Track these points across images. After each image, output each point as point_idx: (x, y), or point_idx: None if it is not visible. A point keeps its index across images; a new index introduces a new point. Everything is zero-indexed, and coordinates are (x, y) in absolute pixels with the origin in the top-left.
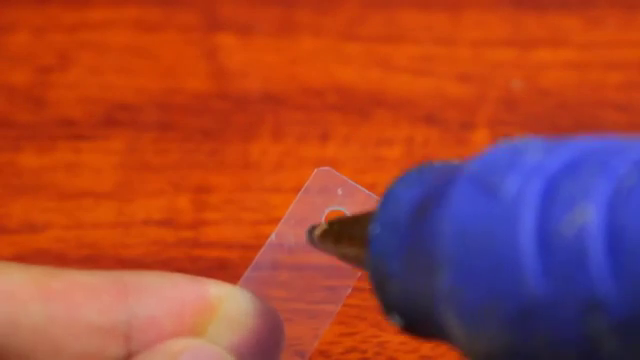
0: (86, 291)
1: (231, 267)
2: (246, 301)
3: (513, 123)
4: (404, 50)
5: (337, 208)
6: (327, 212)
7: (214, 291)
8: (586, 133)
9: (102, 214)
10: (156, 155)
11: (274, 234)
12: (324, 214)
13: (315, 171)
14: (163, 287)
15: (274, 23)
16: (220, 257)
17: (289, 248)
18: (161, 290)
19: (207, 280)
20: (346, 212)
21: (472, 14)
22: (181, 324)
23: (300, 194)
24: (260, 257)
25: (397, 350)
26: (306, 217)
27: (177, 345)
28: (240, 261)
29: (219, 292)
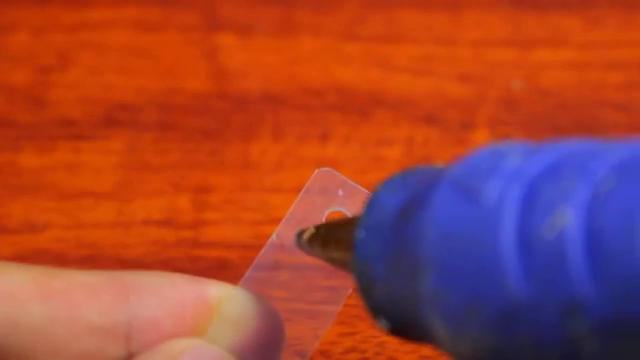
0: (86, 291)
1: (231, 267)
2: (247, 302)
3: (513, 123)
4: (404, 50)
5: (338, 209)
6: (328, 213)
7: (214, 291)
8: (586, 133)
9: (102, 214)
10: (156, 155)
11: (275, 234)
12: (325, 215)
13: (316, 172)
14: (163, 287)
15: (274, 23)
16: (220, 257)
17: (290, 248)
18: (161, 290)
19: (208, 280)
20: (347, 213)
21: (472, 14)
22: (181, 324)
23: (301, 194)
24: (261, 257)
25: (397, 350)
26: (307, 218)
27: (178, 345)
28: (240, 261)
29: (219, 292)
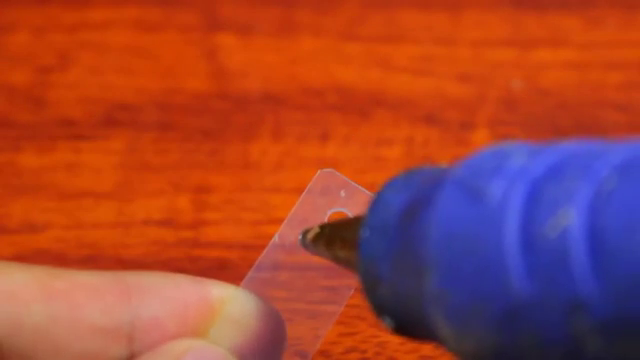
0: (89, 291)
1: (231, 267)
2: (249, 302)
3: (513, 123)
4: (404, 50)
5: (339, 210)
6: (329, 214)
7: (217, 292)
8: (586, 133)
9: (102, 214)
10: (156, 155)
11: (277, 235)
12: (327, 215)
13: (318, 172)
14: (166, 288)
15: (274, 23)
16: (220, 257)
17: (291, 249)
18: (164, 291)
19: (210, 281)
20: (348, 214)
21: (472, 14)
22: (184, 325)
23: (303, 195)
24: (263, 258)
25: (397, 350)
26: (308, 218)
27: (180, 346)
28: (240, 261)
29: (222, 293)
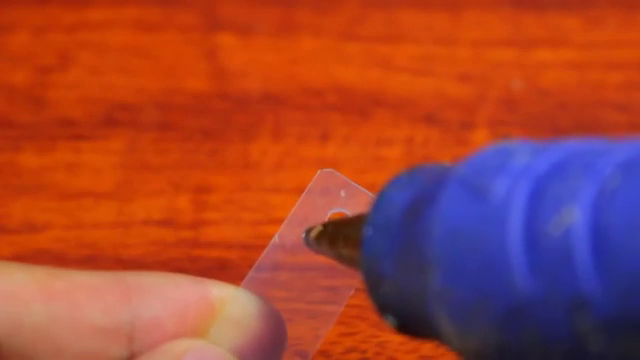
0: (89, 292)
1: (231, 267)
2: (249, 303)
3: (513, 123)
4: (404, 50)
5: (340, 210)
6: (330, 214)
7: (217, 292)
8: (586, 133)
9: (102, 214)
10: (156, 155)
11: (277, 235)
12: (327, 216)
13: (318, 173)
14: (166, 288)
15: (274, 23)
16: (220, 257)
17: (291, 249)
18: (164, 291)
19: (210, 281)
20: (348, 214)
21: (472, 14)
22: (184, 325)
23: (303, 196)
24: (263, 258)
25: (397, 350)
26: (309, 218)
27: (180, 346)
28: (240, 261)
29: (222, 293)
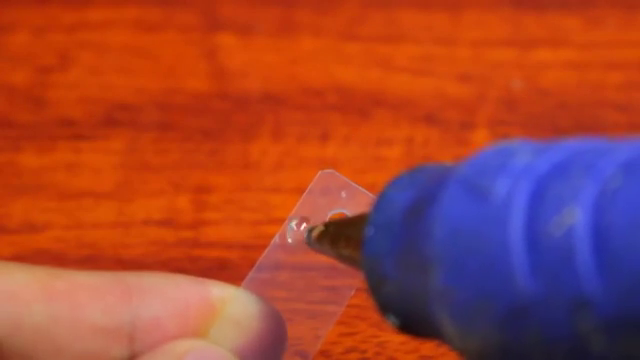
0: (90, 292)
1: (231, 267)
2: (250, 303)
3: (513, 123)
4: (404, 50)
5: (340, 210)
6: (330, 214)
7: (217, 292)
8: (586, 133)
9: (102, 214)
10: (156, 155)
11: (277, 236)
12: (327, 216)
13: (319, 173)
14: (167, 288)
15: (274, 23)
16: (220, 257)
17: (292, 249)
18: (165, 291)
19: (210, 281)
20: (349, 215)
21: (472, 14)
22: (184, 325)
23: (303, 196)
24: (263, 259)
25: (397, 350)
26: (309, 219)
27: (181, 346)
28: (240, 261)
29: (222, 294)
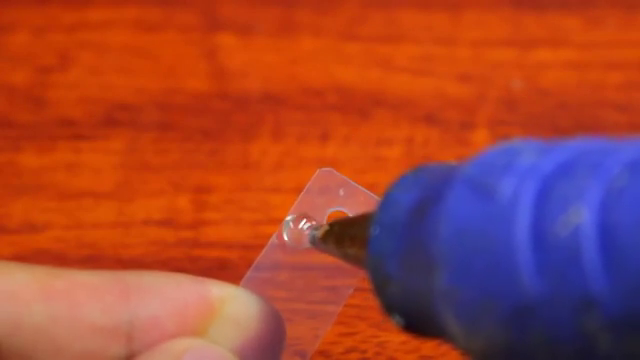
0: (89, 291)
1: (231, 267)
2: (249, 302)
3: (513, 123)
4: (404, 50)
5: (338, 209)
6: (329, 213)
7: (216, 292)
8: (586, 133)
9: (102, 214)
10: (156, 155)
11: (276, 235)
12: (326, 215)
13: (317, 172)
14: (165, 287)
15: (274, 23)
16: (220, 257)
17: (290, 248)
18: (163, 290)
19: (209, 281)
20: (347, 213)
21: (472, 14)
22: (183, 324)
23: (302, 194)
24: (261, 258)
25: (397, 350)
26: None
27: (180, 345)
28: (240, 261)
29: (221, 293)
